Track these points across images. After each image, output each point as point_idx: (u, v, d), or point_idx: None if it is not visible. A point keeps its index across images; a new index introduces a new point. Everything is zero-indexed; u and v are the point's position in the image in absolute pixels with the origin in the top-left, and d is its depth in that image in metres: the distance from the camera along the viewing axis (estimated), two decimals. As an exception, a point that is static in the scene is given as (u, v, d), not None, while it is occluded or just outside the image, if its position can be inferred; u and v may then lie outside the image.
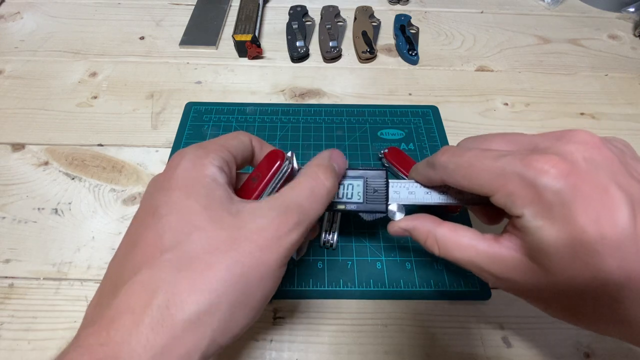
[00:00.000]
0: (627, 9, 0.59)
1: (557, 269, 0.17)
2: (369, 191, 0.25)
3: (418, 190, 0.25)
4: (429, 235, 0.23)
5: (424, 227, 0.23)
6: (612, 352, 0.29)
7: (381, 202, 0.25)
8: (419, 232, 0.23)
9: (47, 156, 0.40)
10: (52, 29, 0.54)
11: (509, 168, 0.18)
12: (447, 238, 0.22)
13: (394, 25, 0.55)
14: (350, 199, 0.25)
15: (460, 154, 0.21)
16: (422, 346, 0.29)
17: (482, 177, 0.19)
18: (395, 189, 0.26)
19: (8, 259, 0.33)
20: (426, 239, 0.23)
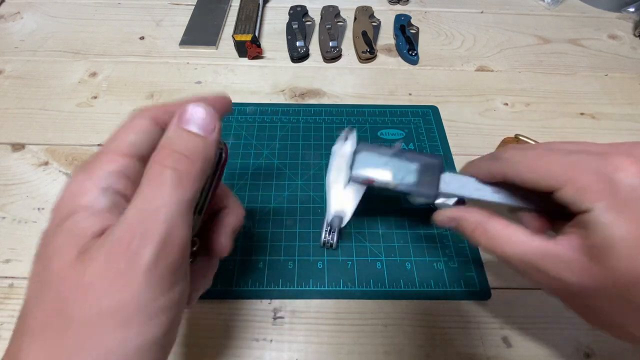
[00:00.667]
0: (627, 9, 0.59)
1: (621, 266, 0.17)
2: (422, 175, 0.26)
3: (470, 184, 0.25)
4: (478, 227, 0.22)
5: (473, 217, 0.23)
6: (612, 352, 0.29)
7: (432, 187, 0.25)
8: (468, 222, 0.23)
9: (47, 156, 0.40)
10: (52, 29, 0.54)
11: (583, 162, 0.18)
12: (498, 231, 0.22)
13: (394, 25, 0.55)
14: (402, 180, 0.26)
15: (527, 148, 0.21)
16: (422, 346, 0.29)
17: (551, 169, 0.19)
18: (446, 180, 0.26)
19: (8, 259, 0.33)
20: (474, 229, 0.23)
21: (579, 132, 0.44)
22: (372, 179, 0.26)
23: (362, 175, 0.26)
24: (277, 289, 0.31)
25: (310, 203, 0.36)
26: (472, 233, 0.23)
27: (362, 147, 0.27)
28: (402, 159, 0.26)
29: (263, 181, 0.38)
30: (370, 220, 0.35)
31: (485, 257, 0.33)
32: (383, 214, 0.36)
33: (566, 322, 0.30)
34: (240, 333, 0.29)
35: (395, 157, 0.27)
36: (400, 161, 0.26)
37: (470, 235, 0.23)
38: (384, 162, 0.27)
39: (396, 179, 0.26)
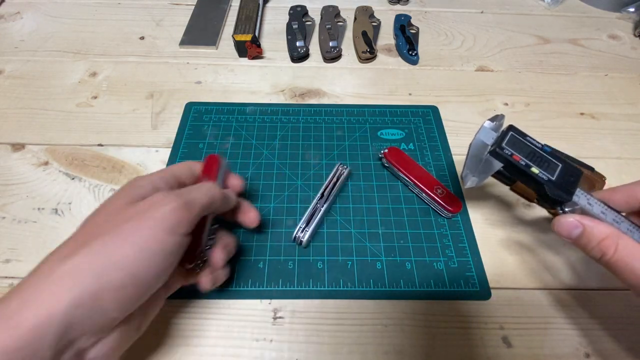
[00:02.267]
0: (627, 9, 0.59)
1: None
2: (562, 176, 0.26)
3: (609, 213, 0.25)
4: (610, 238, 0.22)
5: (606, 228, 0.23)
6: (612, 352, 0.29)
7: (568, 191, 0.26)
8: (598, 231, 0.23)
9: (47, 156, 0.40)
10: (52, 29, 0.54)
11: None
12: (630, 246, 0.22)
13: (394, 25, 0.55)
14: (545, 171, 0.26)
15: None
16: (422, 346, 0.29)
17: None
18: (589, 201, 0.26)
19: (8, 259, 0.33)
20: (604, 240, 0.23)
21: (579, 132, 0.44)
22: (517, 156, 0.27)
23: (508, 150, 0.27)
24: (277, 289, 0.31)
25: (310, 203, 0.36)
26: (600, 243, 0.23)
27: (512, 129, 0.28)
28: (549, 154, 0.27)
29: (263, 181, 0.38)
30: (371, 220, 0.35)
31: (486, 257, 0.34)
32: (383, 214, 0.36)
33: (566, 322, 0.30)
34: (240, 333, 0.29)
35: (543, 150, 0.27)
36: (547, 155, 0.27)
37: (595, 246, 0.23)
38: (531, 149, 0.27)
39: (538, 167, 0.26)
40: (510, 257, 0.34)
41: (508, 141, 0.27)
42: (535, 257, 0.34)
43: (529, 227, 0.36)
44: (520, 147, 0.27)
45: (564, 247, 0.34)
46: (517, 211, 0.37)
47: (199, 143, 0.41)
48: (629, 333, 0.30)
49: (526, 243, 0.35)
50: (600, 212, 0.26)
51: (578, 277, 0.33)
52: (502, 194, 0.38)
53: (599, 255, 0.23)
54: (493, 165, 0.27)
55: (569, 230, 0.24)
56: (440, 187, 0.36)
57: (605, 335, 0.30)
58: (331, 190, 0.36)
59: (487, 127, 0.29)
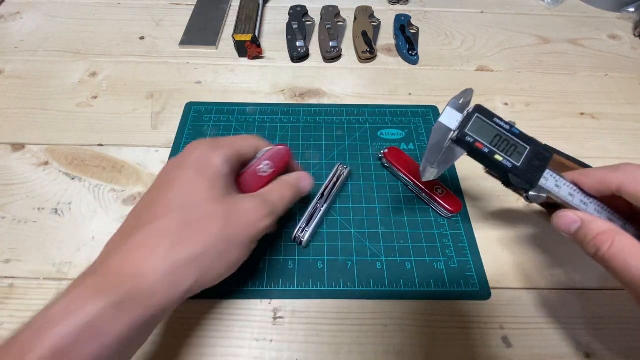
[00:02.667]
0: (627, 9, 0.59)
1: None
2: (529, 160, 0.25)
3: (566, 188, 0.25)
4: (607, 233, 0.22)
5: (605, 224, 0.23)
6: (612, 352, 0.29)
7: (534, 176, 0.25)
8: (596, 226, 0.23)
9: (47, 156, 0.40)
10: (52, 29, 0.54)
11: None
12: (626, 243, 0.22)
13: (394, 25, 0.55)
14: (510, 157, 0.25)
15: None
16: (422, 346, 0.29)
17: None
18: (557, 183, 0.25)
19: (8, 259, 0.33)
20: (599, 234, 0.22)
21: (579, 132, 0.44)
22: (481, 143, 0.25)
23: (471, 137, 0.25)
24: (277, 289, 0.31)
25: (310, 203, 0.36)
26: (595, 238, 0.22)
27: (478, 110, 0.26)
28: (516, 137, 0.26)
29: (263, 181, 0.38)
30: (371, 220, 0.35)
31: (486, 257, 0.34)
32: (383, 214, 0.36)
33: (566, 322, 0.30)
34: (240, 333, 0.29)
35: (509, 133, 0.26)
36: (513, 138, 0.26)
37: (591, 240, 0.23)
38: (496, 132, 0.26)
39: (503, 152, 0.25)
40: (510, 257, 0.34)
41: (472, 126, 0.26)
42: (536, 257, 0.34)
43: (529, 227, 0.36)
44: (485, 131, 0.26)
45: (564, 247, 0.34)
46: (517, 211, 0.37)
47: (199, 143, 0.41)
48: (629, 333, 0.30)
49: (526, 243, 0.35)
50: (567, 194, 0.25)
51: (578, 277, 0.33)
52: (502, 194, 0.38)
53: (594, 251, 0.23)
54: (456, 152, 0.26)
55: (568, 225, 0.24)
56: (440, 187, 0.36)
57: (605, 335, 0.30)
58: (331, 190, 0.36)
59: (451, 108, 0.27)
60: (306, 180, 0.30)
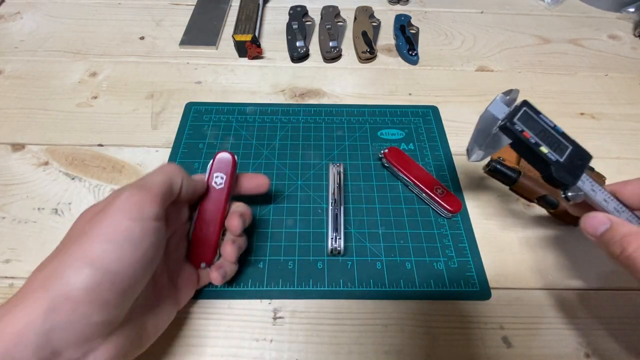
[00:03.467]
0: (627, 9, 0.59)
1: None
2: (572, 157, 0.26)
3: (611, 202, 0.25)
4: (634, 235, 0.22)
5: (634, 227, 0.23)
6: (612, 352, 0.29)
7: (576, 174, 0.25)
8: (625, 228, 0.23)
9: (47, 156, 0.40)
10: (52, 29, 0.54)
11: None
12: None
13: (394, 25, 0.55)
14: (554, 152, 0.26)
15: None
16: (422, 346, 0.29)
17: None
18: (593, 187, 0.26)
19: (8, 259, 0.33)
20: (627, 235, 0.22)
21: (579, 132, 0.43)
22: (528, 133, 0.26)
23: (520, 126, 0.26)
24: (277, 289, 0.31)
25: (310, 203, 0.36)
26: (623, 239, 0.22)
27: (527, 104, 0.27)
28: (559, 135, 0.27)
29: (263, 181, 0.38)
30: (371, 220, 0.35)
31: (486, 257, 0.34)
32: (383, 214, 0.36)
33: (566, 322, 0.30)
34: (240, 333, 0.29)
35: (553, 130, 0.27)
36: (557, 135, 0.26)
37: (618, 240, 0.23)
38: (542, 128, 0.26)
39: (548, 147, 0.26)
40: (510, 257, 0.34)
41: (520, 117, 0.26)
42: (535, 257, 0.34)
43: (529, 227, 0.36)
44: (531, 124, 0.26)
45: (565, 248, 0.34)
46: (517, 211, 0.37)
47: (199, 143, 0.41)
48: (629, 333, 0.30)
49: (526, 243, 0.35)
50: (602, 199, 0.25)
51: (578, 277, 0.33)
52: (502, 194, 0.38)
53: (619, 251, 0.22)
54: (501, 140, 0.27)
55: (597, 227, 0.24)
56: (440, 187, 0.36)
57: (605, 335, 0.30)
58: (340, 193, 0.36)
59: (500, 101, 0.28)
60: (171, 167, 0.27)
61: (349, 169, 0.39)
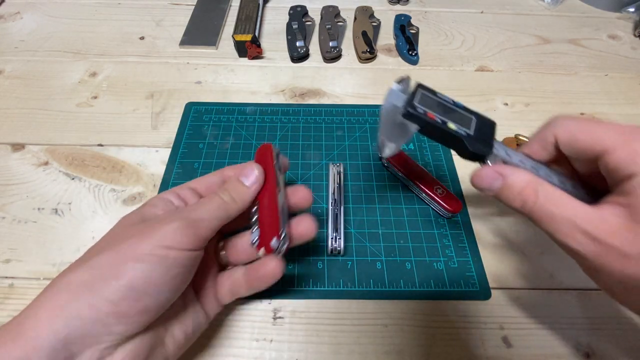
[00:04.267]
0: (627, 9, 0.59)
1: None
2: (479, 129, 0.25)
3: (527, 162, 0.25)
4: (529, 185, 0.22)
5: (525, 176, 0.22)
6: (612, 352, 0.29)
7: (488, 142, 0.25)
8: (517, 180, 0.22)
9: (47, 156, 0.40)
10: (52, 29, 0.54)
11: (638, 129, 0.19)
12: (549, 192, 0.21)
13: (394, 25, 0.55)
14: (462, 127, 0.25)
15: (581, 117, 0.22)
16: (422, 346, 0.29)
17: (606, 132, 0.20)
18: (508, 152, 0.25)
19: (8, 259, 0.33)
20: (524, 188, 0.22)
21: (579, 132, 0.44)
22: (432, 114, 0.25)
23: (421, 108, 0.25)
24: (277, 289, 0.31)
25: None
26: (521, 192, 0.22)
27: (421, 86, 0.27)
28: (461, 109, 0.26)
29: (263, 181, 0.38)
30: (370, 220, 0.35)
31: (486, 257, 0.34)
32: (383, 214, 0.36)
33: (566, 322, 0.30)
34: (240, 333, 0.29)
35: (454, 105, 0.26)
36: (459, 110, 0.26)
37: (517, 195, 0.22)
38: (444, 106, 0.26)
39: (454, 123, 0.25)
40: (510, 257, 0.34)
41: (420, 100, 0.26)
42: (536, 257, 0.34)
43: (529, 226, 0.36)
44: (432, 104, 0.26)
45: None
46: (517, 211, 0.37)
47: (199, 143, 0.41)
48: (629, 333, 0.30)
49: (526, 243, 0.35)
50: (519, 161, 0.24)
51: (578, 277, 0.33)
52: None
53: (520, 205, 0.22)
54: (409, 128, 0.26)
55: (490, 183, 0.23)
56: (440, 187, 0.36)
57: (605, 335, 0.30)
58: (340, 193, 0.36)
59: (396, 90, 0.27)
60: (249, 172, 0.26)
61: (349, 169, 0.39)
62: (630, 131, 0.20)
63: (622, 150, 0.19)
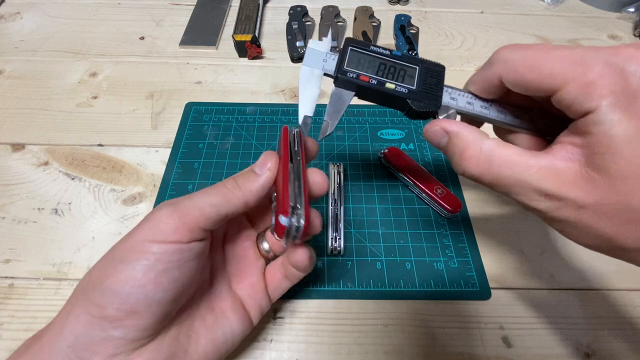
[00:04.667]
0: (627, 9, 0.59)
1: (625, 171, 0.15)
2: (424, 81, 0.22)
3: (476, 102, 0.22)
4: (472, 146, 0.20)
5: (469, 135, 0.20)
6: (612, 352, 0.29)
7: (436, 95, 0.22)
8: (461, 140, 0.20)
9: (47, 156, 0.40)
10: (52, 29, 0.54)
11: (592, 54, 0.17)
12: (494, 151, 0.19)
13: (394, 25, 0.55)
14: (402, 83, 0.22)
15: (526, 46, 0.19)
16: (422, 346, 0.29)
17: (555, 65, 0.17)
18: (452, 95, 0.23)
19: (8, 259, 0.33)
20: (466, 149, 0.20)
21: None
22: (365, 76, 0.22)
23: (352, 72, 0.22)
24: (277, 289, 0.31)
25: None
26: (463, 153, 0.20)
27: (351, 43, 0.23)
28: (401, 60, 0.23)
29: (263, 181, 0.38)
30: (370, 220, 0.35)
31: (486, 257, 0.34)
32: (383, 214, 0.36)
33: (566, 322, 0.30)
34: (240, 333, 0.29)
35: (392, 58, 0.23)
36: (398, 62, 0.23)
37: (460, 157, 0.20)
38: (379, 61, 0.23)
39: (394, 81, 0.22)
40: (510, 257, 0.34)
41: (349, 61, 0.23)
42: (535, 257, 0.34)
43: (529, 226, 0.36)
44: (365, 63, 0.23)
45: (564, 247, 0.34)
46: (517, 211, 0.37)
47: (199, 143, 0.41)
48: (629, 333, 0.30)
49: (526, 243, 0.35)
50: (466, 103, 0.22)
51: (578, 277, 0.33)
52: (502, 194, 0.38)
53: (462, 171, 0.21)
54: (343, 96, 0.23)
55: (438, 140, 0.22)
56: (440, 187, 0.36)
57: (605, 335, 0.30)
58: (340, 193, 0.36)
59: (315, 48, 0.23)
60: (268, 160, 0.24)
61: (349, 169, 0.39)
62: (582, 59, 0.17)
63: (574, 84, 0.17)
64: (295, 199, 0.22)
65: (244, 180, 0.23)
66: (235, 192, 0.23)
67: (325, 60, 0.23)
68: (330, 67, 0.23)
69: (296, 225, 0.21)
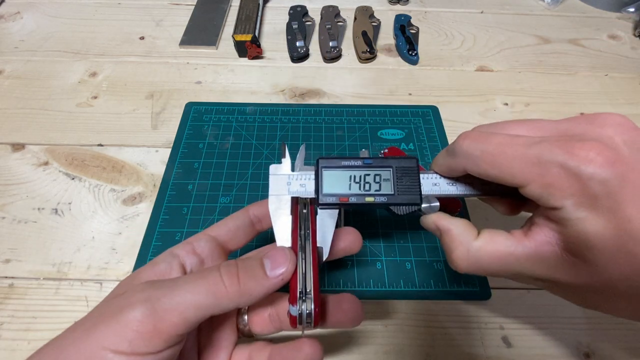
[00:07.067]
0: (627, 9, 0.59)
1: (601, 261, 0.16)
2: (400, 181, 0.23)
3: (441, 181, 0.23)
4: (459, 248, 0.20)
5: (458, 235, 0.21)
6: (612, 352, 0.29)
7: (415, 192, 0.22)
8: (450, 239, 0.21)
9: (47, 156, 0.40)
10: (52, 29, 0.54)
11: (547, 156, 0.17)
12: (481, 251, 0.20)
13: (394, 25, 0.55)
14: (379, 191, 0.22)
15: (485, 139, 0.19)
16: (422, 346, 0.29)
17: (514, 166, 0.18)
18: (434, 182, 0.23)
19: (8, 259, 0.33)
20: (454, 251, 0.21)
21: (579, 132, 0.44)
22: (344, 197, 0.22)
23: (332, 196, 0.22)
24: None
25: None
26: (452, 253, 0.21)
27: (322, 161, 0.23)
28: (373, 167, 0.23)
29: (263, 181, 0.38)
30: (370, 220, 0.35)
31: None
32: (383, 214, 0.36)
33: (566, 322, 0.30)
34: (240, 333, 0.29)
35: (364, 168, 0.23)
36: (372, 169, 0.23)
37: (449, 255, 0.21)
38: (350, 174, 0.23)
39: (371, 190, 0.23)
40: (510, 257, 0.34)
41: (326, 184, 0.22)
42: (535, 257, 0.34)
43: (529, 227, 0.36)
44: (341, 180, 0.23)
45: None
46: (517, 211, 0.37)
47: (199, 143, 0.41)
48: (629, 333, 0.30)
49: (526, 243, 0.35)
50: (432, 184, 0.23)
51: (578, 277, 0.33)
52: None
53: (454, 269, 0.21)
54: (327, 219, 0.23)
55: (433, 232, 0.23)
56: (440, 187, 0.36)
57: (605, 335, 0.30)
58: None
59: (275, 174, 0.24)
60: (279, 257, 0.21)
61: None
62: (538, 160, 0.17)
63: (535, 185, 0.17)
64: (303, 282, 0.21)
65: (247, 276, 0.20)
66: (231, 289, 0.19)
67: (289, 183, 0.24)
68: (295, 189, 0.23)
69: (307, 312, 0.20)
